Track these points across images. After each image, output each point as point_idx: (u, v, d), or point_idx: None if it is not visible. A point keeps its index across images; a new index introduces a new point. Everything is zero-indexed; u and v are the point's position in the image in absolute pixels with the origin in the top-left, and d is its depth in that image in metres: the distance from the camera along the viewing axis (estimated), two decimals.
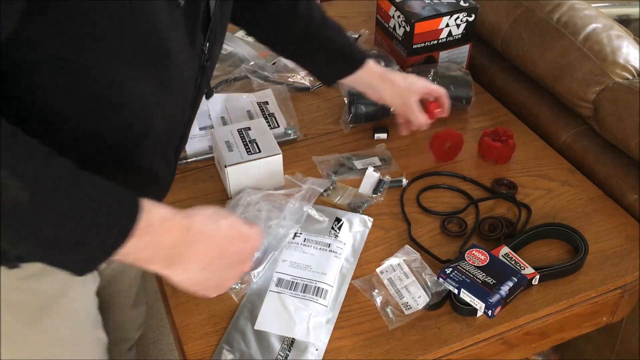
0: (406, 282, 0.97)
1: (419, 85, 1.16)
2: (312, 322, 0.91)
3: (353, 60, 1.12)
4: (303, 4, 1.08)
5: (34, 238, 0.58)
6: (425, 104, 1.18)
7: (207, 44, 0.78)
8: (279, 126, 1.26)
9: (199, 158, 1.20)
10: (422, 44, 1.35)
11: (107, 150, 0.72)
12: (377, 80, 1.13)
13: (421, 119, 1.16)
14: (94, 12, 0.59)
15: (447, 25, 1.33)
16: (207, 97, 0.89)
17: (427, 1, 1.35)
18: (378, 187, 1.14)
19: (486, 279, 0.93)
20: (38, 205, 0.56)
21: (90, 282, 0.92)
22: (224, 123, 1.27)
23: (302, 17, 1.08)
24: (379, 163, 1.19)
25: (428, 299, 0.94)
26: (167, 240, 0.66)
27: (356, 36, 1.52)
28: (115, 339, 1.06)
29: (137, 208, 0.62)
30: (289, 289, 0.95)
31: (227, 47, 1.48)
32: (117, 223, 0.61)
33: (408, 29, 1.32)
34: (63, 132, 0.67)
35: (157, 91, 0.70)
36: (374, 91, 1.15)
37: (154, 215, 0.64)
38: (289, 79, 1.39)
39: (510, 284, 0.92)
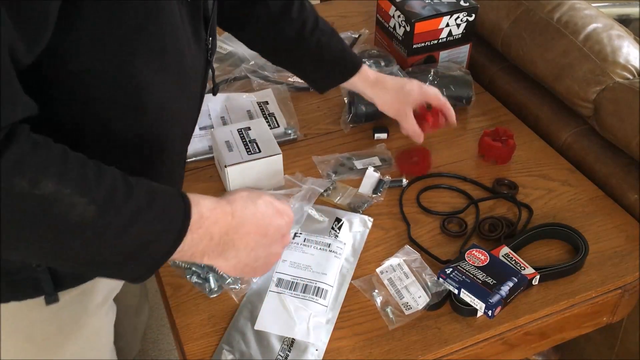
0: (406, 282, 0.97)
1: (415, 94, 1.12)
2: (312, 322, 0.91)
3: (346, 67, 1.10)
4: (296, 5, 1.04)
5: (100, 252, 0.60)
6: (422, 114, 1.15)
7: (210, 39, 0.79)
8: (279, 126, 1.26)
9: (199, 158, 1.20)
10: (422, 44, 1.34)
11: (134, 156, 0.72)
12: (369, 88, 1.11)
13: (412, 131, 1.13)
14: (119, 21, 0.60)
15: (447, 25, 1.33)
16: (214, 93, 0.89)
17: (427, 1, 1.34)
18: (378, 187, 1.13)
19: (486, 279, 0.93)
20: (103, 218, 0.57)
21: (110, 312, 0.93)
22: (224, 123, 1.27)
23: (295, 20, 1.04)
24: (379, 163, 1.19)
25: (428, 299, 0.94)
26: (218, 230, 0.67)
27: (356, 36, 1.52)
28: (118, 349, 1.06)
29: (188, 203, 0.64)
30: (289, 289, 0.95)
31: (227, 47, 1.48)
32: (174, 221, 0.62)
33: (408, 28, 1.32)
34: (91, 140, 0.67)
35: (176, 91, 0.71)
36: (367, 97, 1.14)
37: (202, 206, 0.65)
38: (289, 79, 1.39)
39: (511, 284, 0.92)
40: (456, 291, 0.93)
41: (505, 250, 0.99)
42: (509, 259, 0.97)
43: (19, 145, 0.53)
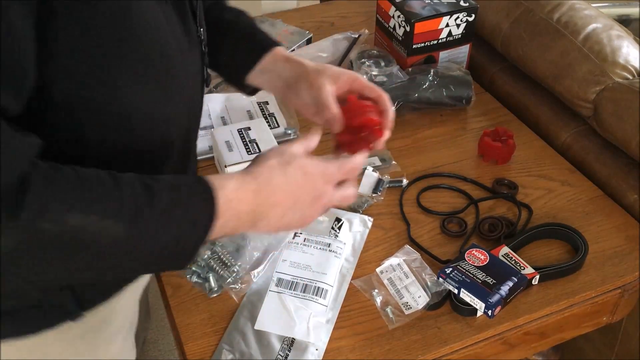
0: (406, 282, 0.97)
1: (338, 71, 0.87)
2: (312, 322, 0.91)
3: (259, 44, 0.92)
4: None
5: (133, 261, 0.60)
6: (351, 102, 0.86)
7: (201, 29, 0.78)
8: (279, 126, 1.26)
9: (199, 158, 1.20)
10: (422, 44, 1.35)
11: (134, 167, 0.70)
12: (281, 62, 0.90)
13: (332, 111, 0.83)
14: (96, 41, 0.59)
15: (447, 25, 1.33)
16: (207, 84, 0.87)
17: (427, 1, 1.34)
18: (377, 186, 1.14)
19: (486, 279, 0.93)
20: (132, 232, 0.58)
21: (130, 343, 0.93)
22: (224, 123, 1.27)
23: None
24: (379, 163, 1.19)
25: (428, 299, 0.94)
26: (245, 208, 0.67)
27: (356, 36, 1.53)
28: None
29: (212, 190, 0.63)
30: (289, 289, 0.95)
31: None
32: (201, 211, 0.62)
33: (408, 28, 1.32)
34: (88, 159, 0.65)
35: (166, 97, 0.70)
36: (278, 78, 0.90)
37: (227, 189, 0.65)
38: None
39: (510, 283, 0.92)
40: (456, 291, 0.93)
41: (505, 250, 0.99)
42: (508, 259, 0.97)
43: (36, 189, 0.53)
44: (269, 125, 1.25)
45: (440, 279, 0.94)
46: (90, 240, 0.56)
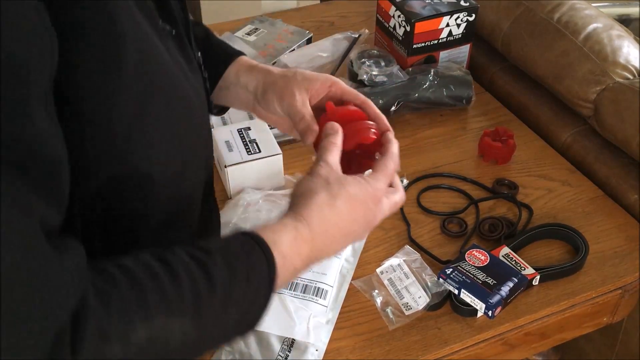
0: (406, 283, 0.97)
1: (311, 75, 0.77)
2: (312, 323, 0.91)
3: (219, 57, 0.84)
4: None
5: (204, 344, 0.58)
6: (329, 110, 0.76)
7: (199, 53, 0.72)
8: None
9: None
10: (423, 44, 1.34)
11: (160, 221, 0.64)
12: (245, 73, 0.80)
13: (305, 122, 0.74)
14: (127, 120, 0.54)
15: (448, 25, 1.33)
16: (211, 111, 0.80)
17: (427, 1, 1.34)
18: None
19: (486, 280, 0.93)
20: (199, 322, 0.54)
21: None
22: (224, 123, 1.27)
23: None
24: None
25: (428, 300, 0.94)
26: (300, 263, 0.62)
27: (356, 36, 1.52)
28: None
29: (268, 251, 0.58)
30: (289, 289, 0.95)
31: None
32: (261, 279, 0.58)
33: (408, 28, 1.32)
34: (117, 230, 0.61)
35: (191, 151, 0.64)
36: (245, 91, 0.80)
37: (281, 245, 0.60)
38: None
39: (511, 284, 0.92)
40: (456, 291, 0.92)
41: (505, 250, 0.99)
42: (509, 259, 0.97)
43: (93, 312, 0.47)
44: (269, 125, 1.24)
45: (441, 280, 0.94)
46: (159, 349, 0.51)
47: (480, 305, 0.90)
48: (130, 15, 0.53)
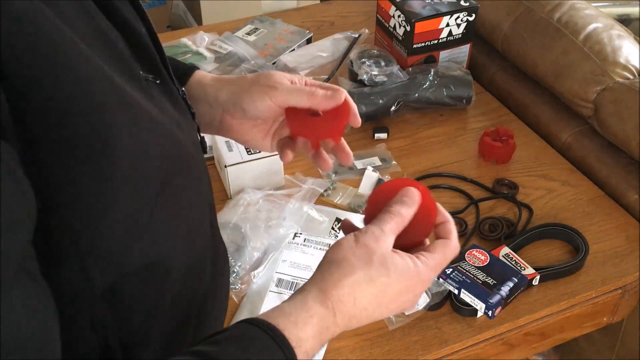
0: None
1: (281, 77, 0.68)
2: None
3: (182, 67, 0.75)
4: None
5: None
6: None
7: (183, 89, 0.64)
8: None
9: None
10: (423, 44, 1.34)
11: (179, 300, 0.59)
12: (210, 85, 0.72)
13: (308, 90, 0.66)
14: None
15: (448, 25, 1.33)
16: (205, 151, 0.68)
17: (427, 1, 1.34)
18: None
19: (486, 280, 0.93)
20: None
21: None
22: None
23: None
24: (379, 163, 1.19)
25: (428, 300, 0.94)
26: (322, 345, 0.56)
27: (356, 36, 1.52)
28: None
29: (291, 354, 0.51)
30: (289, 289, 0.95)
31: (227, 47, 1.47)
32: None
33: (408, 28, 1.32)
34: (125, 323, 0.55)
35: (193, 203, 0.58)
36: (215, 103, 0.71)
37: (306, 343, 0.52)
38: None
39: (511, 284, 0.92)
40: (456, 291, 0.92)
41: (505, 250, 0.99)
42: (509, 259, 0.97)
43: None
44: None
45: (441, 280, 0.94)
46: None
47: (480, 305, 0.90)
48: (120, 99, 0.47)
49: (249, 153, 1.09)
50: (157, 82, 0.56)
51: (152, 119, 0.51)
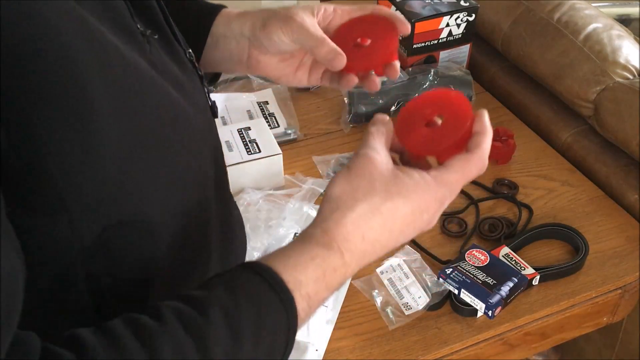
0: (406, 283, 0.97)
1: (322, 5, 0.67)
2: (312, 322, 0.91)
3: (202, 12, 0.74)
4: None
5: None
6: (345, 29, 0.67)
7: (189, 51, 0.64)
8: (279, 126, 1.26)
9: None
10: (423, 44, 1.34)
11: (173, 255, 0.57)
12: (236, 20, 0.70)
13: (326, 43, 0.63)
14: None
15: (448, 25, 1.33)
16: (215, 114, 0.69)
17: (427, 1, 1.34)
18: None
19: (486, 279, 0.93)
20: None
21: None
22: (224, 123, 1.27)
23: None
24: None
25: (428, 299, 0.94)
26: (330, 291, 0.53)
27: None
28: None
29: (289, 300, 0.49)
30: None
31: None
32: (281, 329, 0.50)
33: None
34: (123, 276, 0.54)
35: (190, 164, 0.57)
36: (241, 37, 0.70)
37: (307, 286, 0.50)
38: None
39: (511, 284, 0.92)
40: (456, 291, 0.93)
41: (505, 250, 0.99)
42: (509, 259, 0.97)
43: None
44: (269, 125, 1.24)
45: (441, 280, 0.94)
46: None
47: (480, 305, 0.90)
48: (91, 40, 0.45)
49: (249, 153, 1.09)
50: (156, 37, 0.54)
51: (135, 67, 0.49)
